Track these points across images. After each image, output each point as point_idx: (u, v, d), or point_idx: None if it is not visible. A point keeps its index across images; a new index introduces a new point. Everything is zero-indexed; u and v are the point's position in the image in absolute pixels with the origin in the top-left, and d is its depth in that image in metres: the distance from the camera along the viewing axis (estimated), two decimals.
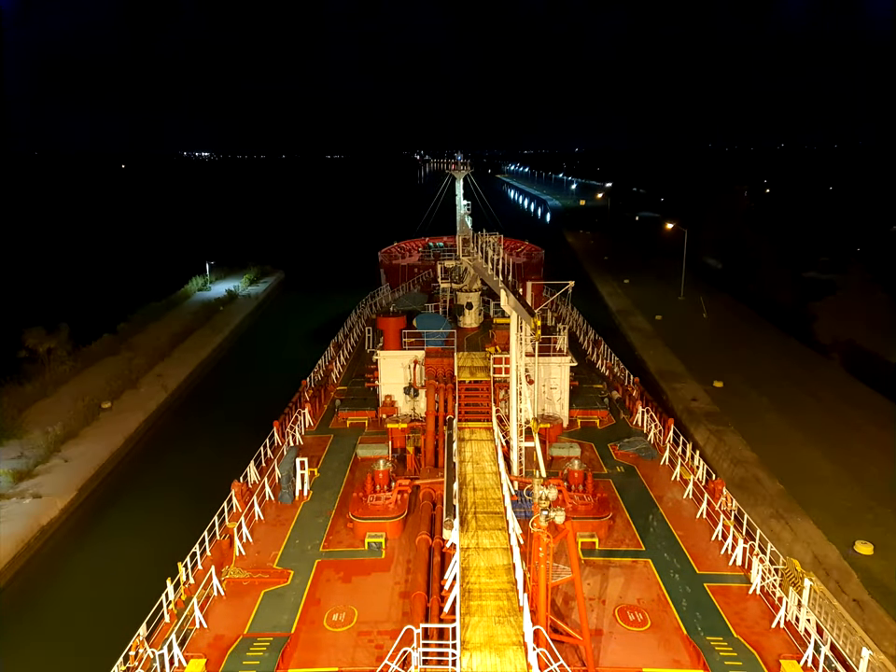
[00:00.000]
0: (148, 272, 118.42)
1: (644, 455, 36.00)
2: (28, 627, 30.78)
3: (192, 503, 36.22)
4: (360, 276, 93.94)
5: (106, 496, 42.30)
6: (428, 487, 30.50)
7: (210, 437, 48.87)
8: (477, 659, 18.80)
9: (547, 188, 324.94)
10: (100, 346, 65.94)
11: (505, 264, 37.00)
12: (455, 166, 76.42)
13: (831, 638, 21.16)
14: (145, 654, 21.19)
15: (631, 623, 22.99)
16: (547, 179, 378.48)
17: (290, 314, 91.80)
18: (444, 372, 40.38)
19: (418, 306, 53.68)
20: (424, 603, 22.71)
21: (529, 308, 30.50)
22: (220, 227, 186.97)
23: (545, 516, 19.07)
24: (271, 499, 31.71)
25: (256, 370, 67.50)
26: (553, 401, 40.15)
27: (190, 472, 43.35)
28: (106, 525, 39.12)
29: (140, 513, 39.86)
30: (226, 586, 25.14)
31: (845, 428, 46.24)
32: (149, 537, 36.58)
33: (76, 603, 32.37)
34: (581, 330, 59.17)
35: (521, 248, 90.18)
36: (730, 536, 27.41)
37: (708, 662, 20.51)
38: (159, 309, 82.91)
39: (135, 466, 46.48)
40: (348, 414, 41.34)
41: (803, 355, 63.69)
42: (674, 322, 76.15)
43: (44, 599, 32.72)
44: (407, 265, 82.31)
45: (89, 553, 36.50)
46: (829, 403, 50.76)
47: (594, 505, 28.59)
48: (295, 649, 21.90)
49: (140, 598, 24.08)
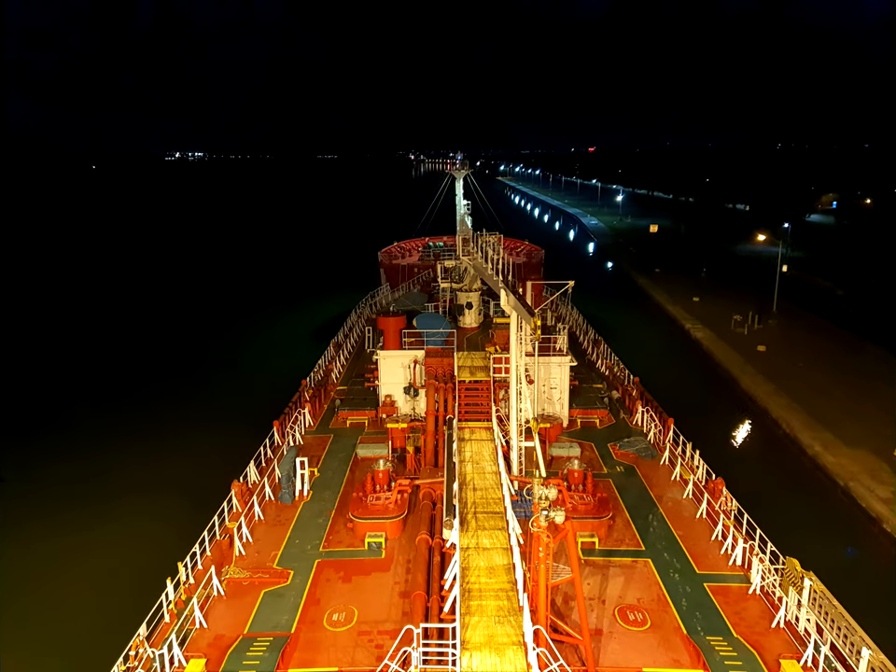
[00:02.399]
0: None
1: (644, 455, 36.01)
2: (28, 627, 30.75)
3: (192, 503, 36.22)
4: (360, 276, 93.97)
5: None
6: (428, 487, 30.51)
7: (210, 437, 48.85)
8: (477, 659, 18.80)
9: (569, 195, 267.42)
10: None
11: (505, 264, 37.01)
12: (455, 166, 76.47)
13: (831, 638, 21.17)
14: (145, 654, 21.19)
15: (631, 622, 22.99)
16: (567, 184, 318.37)
17: (290, 313, 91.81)
18: (444, 372, 40.39)
19: (418, 306, 53.73)
20: (424, 603, 22.71)
21: (529, 308, 30.51)
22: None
23: (545, 516, 19.07)
24: (271, 499, 31.72)
25: (256, 370, 67.50)
26: (552, 401, 40.15)
27: (190, 472, 43.31)
28: (106, 525, 39.11)
29: (140, 513, 39.82)
30: (226, 586, 25.15)
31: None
32: (149, 537, 36.54)
33: (76, 603, 32.33)
34: (581, 330, 59.17)
35: (521, 248, 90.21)
36: (730, 536, 27.42)
37: (708, 662, 20.51)
38: None
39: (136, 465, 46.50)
40: (348, 414, 41.37)
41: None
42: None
43: (44, 599, 32.69)
44: (407, 265, 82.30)
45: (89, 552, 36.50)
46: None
47: (594, 505, 28.61)
48: (295, 649, 21.90)
49: (140, 598, 24.09)
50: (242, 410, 52.63)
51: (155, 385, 63.97)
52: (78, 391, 62.61)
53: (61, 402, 59.68)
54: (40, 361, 72.17)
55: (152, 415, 54.74)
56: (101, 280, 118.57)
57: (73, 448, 48.54)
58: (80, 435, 51.01)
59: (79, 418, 55.08)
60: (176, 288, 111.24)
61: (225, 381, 64.33)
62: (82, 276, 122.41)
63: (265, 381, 60.60)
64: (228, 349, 76.28)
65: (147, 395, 60.70)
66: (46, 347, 77.56)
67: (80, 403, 58.98)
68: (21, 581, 33.87)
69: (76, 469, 45.19)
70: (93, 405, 58.31)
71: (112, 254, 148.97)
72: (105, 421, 53.84)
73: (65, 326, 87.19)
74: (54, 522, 38.80)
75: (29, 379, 66.31)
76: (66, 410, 57.42)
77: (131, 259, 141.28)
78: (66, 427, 52.98)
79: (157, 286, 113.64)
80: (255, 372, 66.29)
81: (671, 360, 67.13)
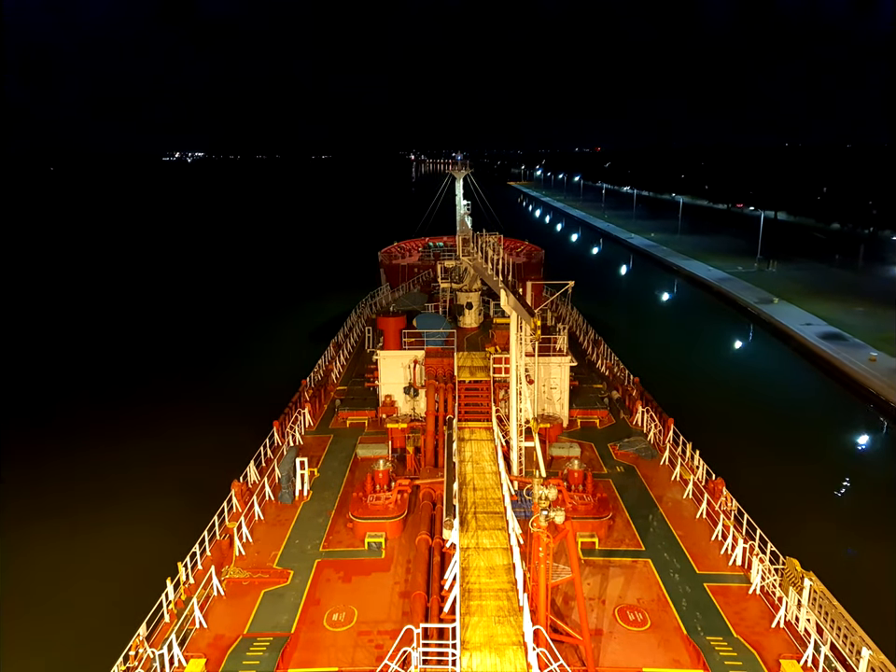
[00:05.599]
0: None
1: (644, 455, 36.02)
2: (28, 627, 30.74)
3: (192, 503, 36.21)
4: (360, 276, 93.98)
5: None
6: (428, 487, 30.53)
7: (210, 437, 48.85)
8: (477, 659, 18.79)
9: (647, 218, 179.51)
10: None
11: (505, 264, 37.01)
12: (456, 166, 76.51)
13: (831, 638, 21.17)
14: (145, 654, 21.18)
15: (631, 622, 22.99)
16: (590, 190, 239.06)
17: (290, 313, 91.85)
18: (444, 372, 40.39)
19: (418, 306, 53.72)
20: (424, 603, 22.72)
21: (529, 308, 30.50)
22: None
23: (545, 516, 19.07)
24: (271, 499, 31.73)
25: (256, 370, 67.50)
26: (552, 401, 40.15)
27: (190, 472, 43.30)
28: (106, 525, 39.12)
29: (140, 513, 39.82)
30: (226, 586, 25.15)
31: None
32: (149, 537, 36.54)
33: (76, 603, 32.33)
34: (581, 330, 59.18)
35: (521, 248, 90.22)
36: (730, 536, 27.42)
37: (708, 662, 20.51)
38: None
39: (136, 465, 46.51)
40: (348, 414, 41.37)
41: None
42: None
43: (44, 599, 32.69)
44: (407, 265, 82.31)
45: (89, 552, 36.51)
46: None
47: (594, 505, 28.62)
48: (295, 648, 21.90)
49: (140, 598, 24.08)
50: (242, 410, 52.63)
51: (155, 385, 63.96)
52: (78, 391, 62.61)
53: (61, 403, 59.67)
54: (40, 362, 72.22)
55: (152, 415, 54.73)
56: (102, 281, 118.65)
57: (73, 448, 48.57)
58: (80, 435, 51.02)
59: (79, 418, 55.10)
60: (177, 289, 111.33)
61: (225, 381, 64.35)
62: (82, 277, 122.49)
63: (265, 381, 60.62)
64: (228, 349, 76.36)
65: (148, 395, 60.70)
66: (46, 348, 77.62)
67: (80, 403, 58.99)
68: (22, 581, 33.88)
69: (76, 470, 45.24)
70: (93, 405, 58.30)
71: (112, 255, 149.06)
72: (105, 421, 53.86)
73: (65, 326, 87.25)
74: (54, 522, 38.77)
75: (29, 380, 66.35)
76: (66, 410, 57.42)
77: (132, 260, 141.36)
78: (66, 428, 52.99)
79: (158, 286, 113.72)
80: (255, 372, 66.32)
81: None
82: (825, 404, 60.17)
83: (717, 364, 70.91)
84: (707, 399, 57.39)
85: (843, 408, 58.57)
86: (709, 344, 78.40)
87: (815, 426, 53.87)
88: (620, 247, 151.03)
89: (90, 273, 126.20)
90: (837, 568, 29.00)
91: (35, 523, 38.65)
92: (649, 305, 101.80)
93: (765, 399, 58.41)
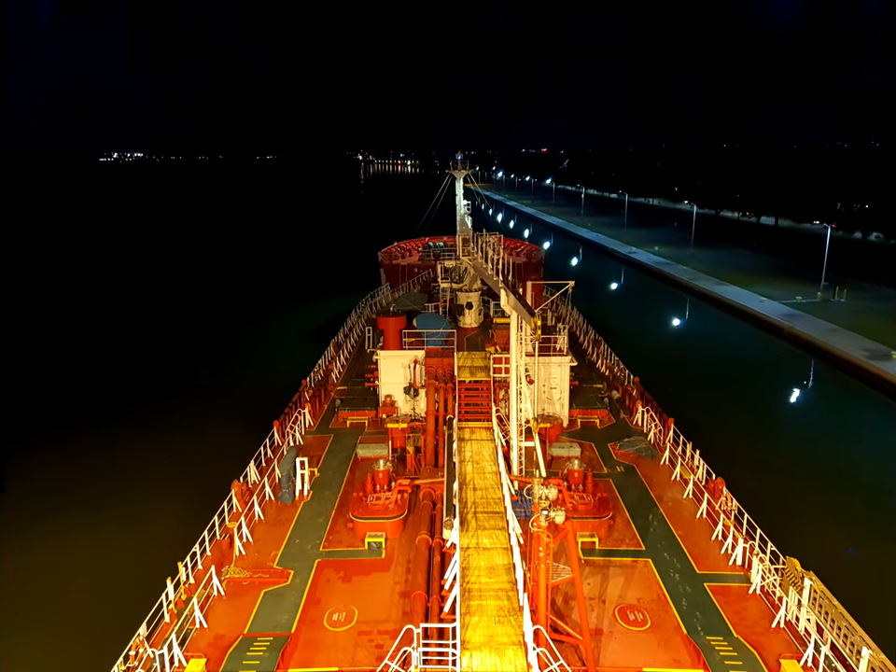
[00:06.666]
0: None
1: (644, 455, 36.02)
2: (28, 627, 30.74)
3: (192, 503, 36.24)
4: (360, 276, 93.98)
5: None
6: (428, 487, 30.53)
7: (210, 437, 48.86)
8: (477, 659, 18.79)
9: (643, 227, 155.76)
10: None
11: (505, 264, 37.01)
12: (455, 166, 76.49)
13: (831, 638, 21.17)
14: (145, 654, 21.19)
15: (631, 622, 22.99)
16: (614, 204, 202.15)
17: (290, 313, 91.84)
18: (444, 372, 40.39)
19: (418, 306, 53.69)
20: (424, 603, 22.72)
21: (529, 308, 30.49)
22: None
23: (545, 516, 19.07)
24: (271, 499, 31.73)
25: (256, 370, 67.51)
26: (552, 401, 40.16)
27: (190, 472, 43.32)
28: (107, 525, 39.12)
29: (140, 513, 39.83)
30: (226, 586, 25.15)
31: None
32: (150, 537, 36.55)
33: (76, 603, 32.34)
34: (581, 330, 59.18)
35: (521, 248, 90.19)
36: (730, 535, 27.42)
37: (708, 661, 20.51)
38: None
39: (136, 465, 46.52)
40: (348, 414, 41.38)
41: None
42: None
43: (44, 599, 32.69)
44: (407, 265, 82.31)
45: (89, 552, 36.50)
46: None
47: (594, 505, 28.62)
48: (295, 648, 21.90)
49: (140, 598, 24.08)
50: (242, 410, 52.64)
51: (155, 385, 64.03)
52: (78, 392, 62.60)
53: (61, 403, 59.65)
54: (40, 363, 72.22)
55: (152, 416, 54.75)
56: (102, 281, 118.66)
57: (73, 448, 48.61)
58: (80, 435, 51.05)
59: (79, 419, 55.17)
60: (178, 289, 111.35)
61: (225, 381, 64.36)
62: (82, 277, 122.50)
63: (265, 381, 60.65)
64: (228, 349, 76.36)
65: (148, 395, 60.75)
66: (46, 349, 77.63)
67: (80, 404, 59.06)
68: (22, 581, 33.87)
69: (76, 470, 45.27)
70: (93, 406, 58.35)
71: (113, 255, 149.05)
72: (105, 421, 53.88)
73: (65, 326, 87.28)
74: (54, 522, 38.83)
75: (29, 381, 66.35)
76: (66, 410, 57.45)
77: (132, 261, 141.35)
78: (66, 428, 53.01)
79: (159, 287, 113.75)
80: (255, 372, 66.33)
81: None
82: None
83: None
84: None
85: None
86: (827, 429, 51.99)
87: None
88: (621, 265, 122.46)
89: (89, 272, 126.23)
90: (837, 568, 28.94)
91: (35, 523, 38.67)
92: (702, 355, 71.79)
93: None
